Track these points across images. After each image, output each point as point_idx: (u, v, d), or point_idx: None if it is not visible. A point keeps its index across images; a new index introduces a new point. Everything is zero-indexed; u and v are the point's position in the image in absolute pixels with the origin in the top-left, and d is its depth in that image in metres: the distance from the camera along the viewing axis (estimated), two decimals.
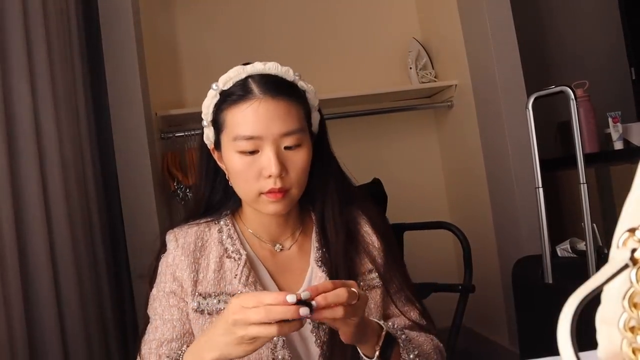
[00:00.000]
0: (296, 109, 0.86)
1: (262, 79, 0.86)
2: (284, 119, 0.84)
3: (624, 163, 2.05)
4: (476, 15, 2.25)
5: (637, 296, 0.34)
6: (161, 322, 0.90)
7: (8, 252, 1.29)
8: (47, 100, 1.52)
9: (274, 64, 0.88)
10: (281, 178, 0.84)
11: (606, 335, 0.42)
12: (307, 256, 0.95)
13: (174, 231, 0.97)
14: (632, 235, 0.35)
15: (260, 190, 0.85)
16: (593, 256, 1.59)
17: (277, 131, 0.83)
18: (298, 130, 0.85)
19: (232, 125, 0.86)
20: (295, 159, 0.85)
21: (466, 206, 2.58)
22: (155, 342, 0.88)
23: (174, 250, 0.94)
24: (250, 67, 0.88)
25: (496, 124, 2.21)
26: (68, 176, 1.61)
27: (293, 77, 0.89)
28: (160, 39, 2.57)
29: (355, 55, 2.71)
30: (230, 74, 0.88)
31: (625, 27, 2.50)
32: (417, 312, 0.97)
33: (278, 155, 0.83)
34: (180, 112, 2.35)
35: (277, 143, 0.84)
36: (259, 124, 0.83)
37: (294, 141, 0.85)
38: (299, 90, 0.89)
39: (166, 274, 0.93)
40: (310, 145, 0.89)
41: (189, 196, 2.36)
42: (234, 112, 0.85)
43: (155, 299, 0.93)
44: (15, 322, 1.28)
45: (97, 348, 1.65)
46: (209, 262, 0.92)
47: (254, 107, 0.83)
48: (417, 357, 0.84)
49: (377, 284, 0.94)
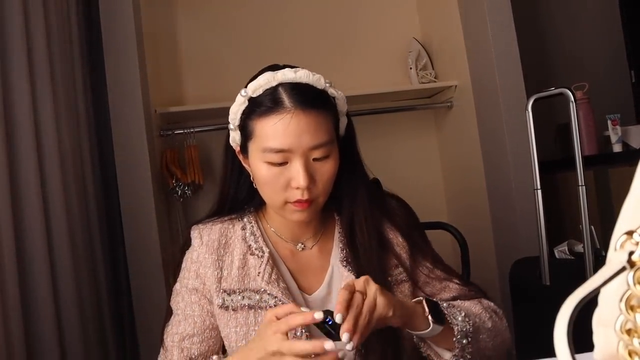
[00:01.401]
0: (326, 119, 0.86)
1: (293, 89, 0.84)
2: (313, 133, 0.83)
3: (623, 166, 2.05)
4: (477, 16, 2.25)
5: (634, 299, 0.35)
6: (183, 317, 0.93)
7: (6, 249, 1.29)
8: (46, 97, 1.51)
9: (304, 72, 0.86)
10: (309, 189, 0.84)
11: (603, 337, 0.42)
12: (328, 256, 0.97)
13: (199, 227, 0.98)
14: (630, 238, 0.35)
15: (287, 200, 0.87)
16: (591, 258, 1.59)
17: (306, 145, 0.83)
18: (327, 143, 0.85)
19: (262, 137, 0.85)
20: (323, 170, 0.86)
21: (464, 207, 2.58)
22: (178, 336, 0.92)
23: (199, 248, 0.95)
24: (280, 75, 0.85)
25: (496, 125, 2.22)
26: (67, 173, 1.61)
27: (324, 85, 0.88)
28: (160, 36, 2.57)
29: (355, 55, 2.71)
30: (260, 81, 0.86)
31: (626, 29, 2.51)
32: (456, 285, 0.97)
33: (307, 168, 0.84)
34: (179, 110, 2.34)
35: (307, 155, 0.84)
36: (290, 137, 0.82)
37: (322, 153, 0.85)
38: (329, 98, 0.88)
39: (190, 270, 0.95)
40: (338, 154, 0.89)
41: (188, 194, 2.36)
42: (264, 123, 0.84)
43: (178, 294, 0.96)
44: (12, 321, 1.27)
45: (95, 347, 1.65)
46: (233, 258, 0.93)
47: (285, 121, 0.82)
48: (467, 318, 0.83)
49: (405, 278, 0.95)
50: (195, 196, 2.45)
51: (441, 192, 2.77)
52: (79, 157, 1.76)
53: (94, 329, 1.67)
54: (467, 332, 0.82)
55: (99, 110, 2.03)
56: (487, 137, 2.31)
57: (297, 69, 0.86)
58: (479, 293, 0.98)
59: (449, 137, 2.67)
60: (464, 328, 0.82)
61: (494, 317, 0.93)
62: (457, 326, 0.82)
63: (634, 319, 0.35)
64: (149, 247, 1.97)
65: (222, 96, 2.45)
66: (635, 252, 0.34)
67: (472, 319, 0.85)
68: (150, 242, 1.97)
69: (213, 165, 2.52)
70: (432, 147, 2.77)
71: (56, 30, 1.64)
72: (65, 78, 1.69)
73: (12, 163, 1.37)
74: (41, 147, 1.48)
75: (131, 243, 1.97)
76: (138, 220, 1.98)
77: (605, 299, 0.42)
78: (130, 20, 2.03)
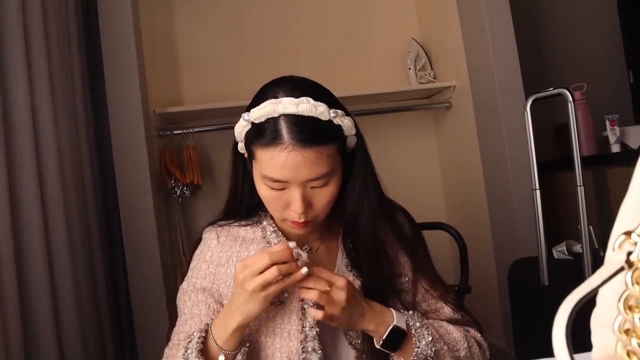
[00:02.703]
0: (327, 152, 0.84)
1: (295, 124, 0.82)
2: (311, 167, 0.83)
3: (621, 166, 2.05)
4: (475, 17, 2.26)
5: (633, 299, 0.35)
6: (189, 316, 0.94)
7: (4, 250, 1.29)
8: (45, 97, 1.51)
9: (307, 105, 0.83)
10: (305, 213, 0.86)
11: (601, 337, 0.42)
12: (333, 256, 0.98)
13: (215, 229, 0.99)
14: (628, 238, 0.35)
15: (286, 218, 0.89)
16: (589, 258, 1.59)
17: (304, 177, 0.84)
18: (326, 174, 0.85)
19: (261, 163, 0.85)
20: (321, 195, 0.87)
21: (463, 207, 2.58)
22: (184, 335, 0.92)
23: (215, 248, 0.97)
24: (282, 107, 0.82)
25: (494, 126, 2.22)
26: (65, 173, 1.60)
27: (328, 116, 0.84)
28: (159, 36, 2.57)
29: (354, 56, 2.71)
30: (262, 111, 0.84)
31: (624, 30, 2.51)
32: (449, 309, 0.99)
33: (304, 196, 0.85)
34: (178, 110, 2.35)
35: (304, 185, 0.85)
36: (287, 172, 0.83)
37: (321, 183, 0.86)
38: (333, 128, 0.86)
39: (200, 270, 0.96)
40: (340, 176, 0.89)
41: (186, 194, 2.36)
42: (263, 152, 0.84)
43: (185, 293, 0.96)
44: (10, 322, 1.27)
45: (93, 348, 1.65)
46: (249, 254, 0.94)
47: (283, 155, 0.82)
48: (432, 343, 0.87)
49: (407, 288, 0.97)
50: (194, 196, 2.45)
51: (440, 193, 2.77)
52: (77, 158, 1.76)
53: (92, 329, 1.67)
54: (427, 356, 0.86)
55: (97, 111, 2.03)
56: (485, 138, 2.31)
57: (300, 101, 0.83)
58: (470, 323, 1.00)
59: (447, 138, 2.67)
60: (424, 352, 0.86)
61: (474, 349, 0.94)
62: (418, 348, 0.86)
63: (632, 319, 0.35)
64: (148, 247, 1.97)
65: (220, 96, 2.45)
66: (634, 252, 0.34)
67: (438, 345, 0.88)
68: (149, 243, 1.97)
69: (212, 165, 2.51)
70: (430, 148, 2.77)
71: (55, 31, 1.64)
72: (64, 79, 1.69)
73: (10, 164, 1.36)
74: (40, 148, 1.48)
75: (130, 243, 1.97)
76: (137, 221, 1.98)
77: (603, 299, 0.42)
78: (129, 21, 2.03)
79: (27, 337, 1.35)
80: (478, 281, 1.83)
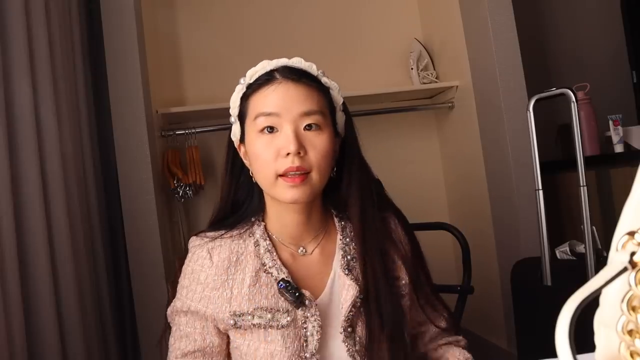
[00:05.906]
0: (317, 95, 0.89)
1: (286, 68, 0.90)
2: (302, 101, 0.87)
3: (624, 166, 2.05)
4: (478, 17, 2.25)
5: (636, 299, 0.35)
6: (184, 334, 0.93)
7: (7, 251, 1.29)
8: (48, 98, 1.51)
9: (298, 59, 0.92)
10: (300, 157, 0.85)
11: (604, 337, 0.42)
12: (330, 260, 0.95)
13: (207, 245, 0.94)
14: (632, 239, 0.35)
15: (277, 172, 0.85)
16: (592, 259, 1.59)
17: (295, 111, 0.86)
18: (317, 112, 0.88)
19: (255, 107, 0.89)
20: (314, 141, 0.87)
21: (466, 207, 2.58)
22: (180, 352, 0.92)
23: (208, 269, 0.92)
24: (275, 61, 0.92)
25: (497, 126, 2.21)
26: (68, 173, 1.61)
27: (317, 72, 0.93)
28: (162, 36, 2.57)
29: (356, 56, 2.71)
30: (256, 68, 0.92)
31: (627, 30, 2.50)
32: (443, 320, 1.00)
33: (297, 134, 0.86)
34: (180, 110, 2.35)
35: (297, 123, 0.86)
36: (278, 101, 0.87)
37: (312, 120, 0.87)
38: (321, 83, 0.93)
39: (195, 292, 0.92)
40: (333, 135, 0.91)
41: (189, 194, 2.36)
42: (257, 96, 0.89)
43: (178, 313, 0.94)
44: (14, 323, 1.27)
45: (96, 348, 1.65)
46: (245, 276, 0.91)
47: (274, 87, 0.88)
48: None
49: (404, 291, 0.96)
50: (197, 197, 2.45)
51: (442, 193, 2.77)
52: (80, 158, 1.77)
53: (95, 329, 1.67)
54: None
55: (100, 111, 2.03)
56: (488, 138, 2.31)
57: (292, 59, 0.92)
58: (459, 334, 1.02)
59: (450, 138, 2.67)
60: None
61: None
62: None
63: (635, 320, 0.34)
64: (151, 247, 1.97)
65: (223, 97, 2.43)
66: (637, 252, 0.34)
67: None
68: (152, 243, 1.97)
69: (214, 165, 2.52)
70: (433, 148, 2.77)
71: (58, 32, 1.64)
72: (66, 79, 1.69)
73: (13, 164, 1.37)
74: (43, 148, 1.48)
75: (132, 243, 1.97)
76: (139, 221, 1.98)
77: (606, 299, 0.42)
78: (132, 21, 2.03)
79: (30, 338, 1.36)
80: (481, 281, 1.83)
